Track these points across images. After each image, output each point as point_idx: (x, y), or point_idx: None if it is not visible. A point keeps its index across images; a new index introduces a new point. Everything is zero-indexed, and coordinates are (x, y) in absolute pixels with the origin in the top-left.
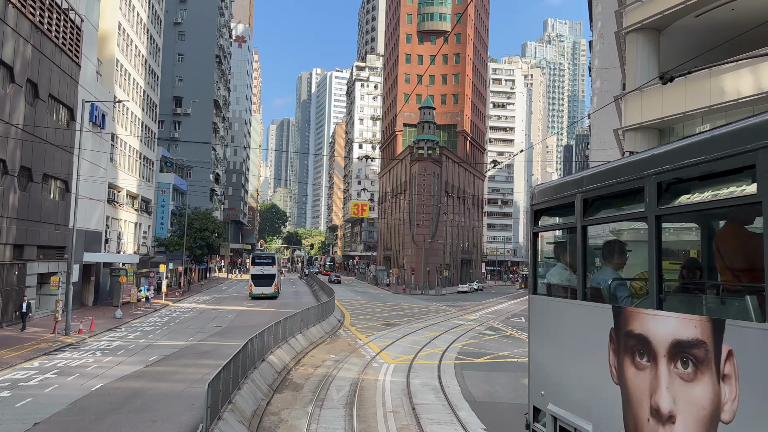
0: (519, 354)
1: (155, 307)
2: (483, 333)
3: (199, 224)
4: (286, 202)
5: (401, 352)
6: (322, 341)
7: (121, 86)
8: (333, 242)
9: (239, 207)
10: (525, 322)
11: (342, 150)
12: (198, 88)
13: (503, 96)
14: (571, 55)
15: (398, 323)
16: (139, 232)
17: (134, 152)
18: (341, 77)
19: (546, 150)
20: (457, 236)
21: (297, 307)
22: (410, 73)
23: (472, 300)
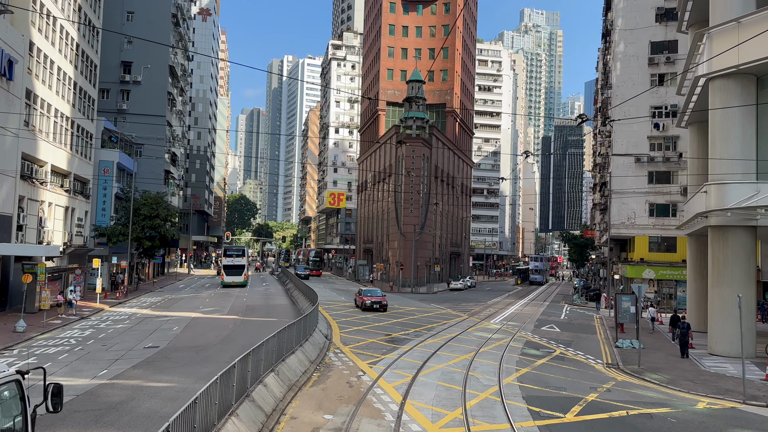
0: (619, 399)
1: (83, 313)
2: (526, 354)
3: (148, 210)
4: (257, 194)
5: (436, 399)
6: (306, 380)
7: (43, 31)
8: (306, 235)
9: (204, 196)
10: (560, 332)
11: (316, 137)
12: (151, 53)
13: (489, 79)
14: (547, 46)
15: (406, 338)
16: (71, 219)
17: (64, 119)
18: (314, 65)
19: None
20: (447, 227)
21: (266, 313)
22: (394, 47)
23: (472, 299)
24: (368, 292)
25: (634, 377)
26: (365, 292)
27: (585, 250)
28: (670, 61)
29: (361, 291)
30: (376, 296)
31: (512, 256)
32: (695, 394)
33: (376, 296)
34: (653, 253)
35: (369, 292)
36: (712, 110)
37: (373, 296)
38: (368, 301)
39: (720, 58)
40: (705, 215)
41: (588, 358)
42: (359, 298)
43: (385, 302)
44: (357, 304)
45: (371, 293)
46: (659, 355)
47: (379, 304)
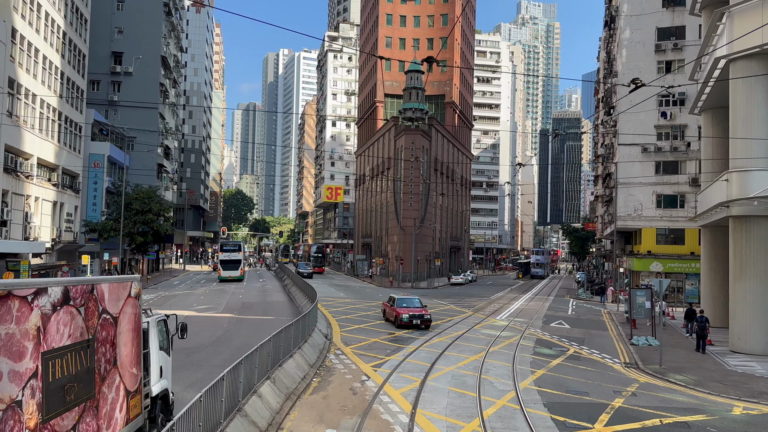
0: (648, 405)
1: None
2: (539, 353)
3: (140, 205)
4: (253, 189)
5: (450, 408)
6: (305, 386)
7: (26, 18)
8: (303, 230)
9: (199, 191)
10: (570, 328)
11: (312, 131)
12: (142, 43)
13: (488, 70)
14: (545, 38)
15: (410, 336)
16: (60, 214)
17: (51, 110)
18: (310, 58)
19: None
20: (447, 221)
21: (263, 311)
22: (392, 37)
23: (474, 294)
24: (404, 301)
25: (658, 378)
26: (400, 301)
27: (586, 243)
28: (677, 47)
29: (394, 300)
30: (415, 307)
31: (511, 249)
32: (727, 397)
33: (415, 307)
34: (661, 245)
35: (405, 301)
36: (733, 94)
37: (412, 307)
38: (405, 315)
39: (742, 39)
40: (726, 205)
41: (605, 357)
42: (392, 310)
43: (428, 316)
44: (387, 317)
45: (409, 303)
46: (678, 352)
47: (420, 318)
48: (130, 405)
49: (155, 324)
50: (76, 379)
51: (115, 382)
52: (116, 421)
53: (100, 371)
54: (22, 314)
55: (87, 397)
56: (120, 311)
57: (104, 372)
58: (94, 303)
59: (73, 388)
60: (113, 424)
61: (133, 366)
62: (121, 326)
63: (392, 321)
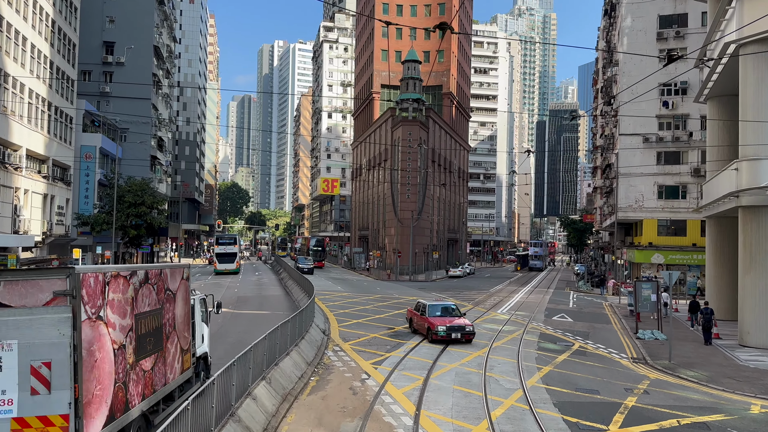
0: (662, 404)
1: None
2: (544, 348)
3: (132, 197)
4: (249, 182)
5: (455, 409)
6: (303, 386)
7: (13, 5)
8: (299, 223)
9: (194, 183)
10: (573, 322)
11: (308, 123)
12: (134, 33)
13: (485, 61)
14: (541, 29)
15: (409, 331)
16: (51, 207)
17: (40, 100)
18: (305, 50)
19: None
20: (444, 213)
21: (258, 305)
22: (388, 26)
23: (473, 287)
24: (438, 309)
25: (668, 375)
26: (433, 308)
27: (584, 235)
28: (679, 35)
29: (425, 306)
30: (453, 316)
31: (509, 241)
32: (742, 394)
33: (452, 316)
34: (662, 236)
35: (440, 309)
36: (743, 79)
37: (449, 316)
38: (442, 327)
39: (754, 23)
40: (736, 195)
41: (611, 353)
42: (421, 320)
43: (470, 327)
44: (416, 328)
45: (444, 311)
46: (686, 346)
47: (461, 331)
48: (183, 360)
49: (199, 301)
50: (152, 335)
51: (174, 341)
52: (175, 369)
53: (166, 332)
54: (125, 287)
55: (158, 349)
56: (177, 289)
57: (168, 332)
58: (162, 282)
59: (151, 341)
60: (173, 371)
61: (185, 331)
62: (177, 300)
63: (422, 333)
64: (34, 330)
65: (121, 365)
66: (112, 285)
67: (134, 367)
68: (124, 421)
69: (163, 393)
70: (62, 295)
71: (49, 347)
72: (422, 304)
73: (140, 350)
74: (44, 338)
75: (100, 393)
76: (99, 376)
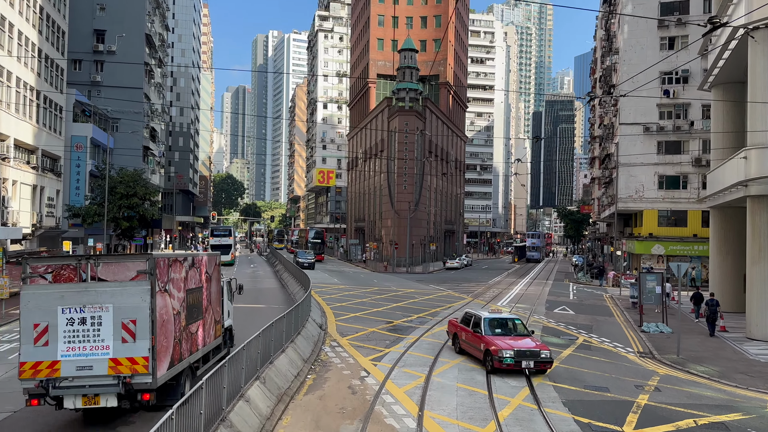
0: (675, 402)
1: None
2: (548, 343)
3: (124, 188)
4: (244, 173)
5: (460, 409)
6: (299, 385)
7: None
8: (295, 214)
9: (188, 175)
10: (575, 314)
11: (303, 114)
12: (126, 21)
13: (482, 50)
14: (537, 20)
15: (409, 325)
16: (40, 199)
17: (28, 89)
18: (300, 40)
19: (518, 115)
20: (441, 204)
21: (254, 298)
22: (384, 15)
23: (472, 279)
24: (499, 324)
25: (678, 370)
26: (491, 323)
27: (581, 226)
28: (681, 23)
29: (478, 320)
30: (520, 335)
31: (505, 233)
32: (757, 391)
33: (519, 335)
34: (662, 227)
35: (497, 323)
36: (752, 65)
37: (514, 336)
38: (508, 353)
39: (764, 7)
40: (744, 184)
41: (617, 347)
42: (476, 338)
43: (546, 353)
44: (465, 350)
45: (504, 326)
46: (692, 339)
47: (533, 358)
48: (215, 329)
49: (227, 283)
50: (196, 306)
51: (210, 312)
52: (211, 335)
53: (205, 305)
54: (180, 269)
55: (200, 318)
56: (212, 272)
57: (206, 305)
58: (203, 266)
59: (195, 311)
60: (209, 336)
61: (217, 305)
62: (212, 281)
63: (473, 356)
64: (124, 297)
65: (177, 327)
66: (173, 267)
67: (185, 330)
68: (179, 369)
69: (203, 352)
70: (143, 273)
71: (134, 309)
72: (474, 315)
73: (189, 317)
74: (131, 303)
75: (165, 344)
76: (165, 332)
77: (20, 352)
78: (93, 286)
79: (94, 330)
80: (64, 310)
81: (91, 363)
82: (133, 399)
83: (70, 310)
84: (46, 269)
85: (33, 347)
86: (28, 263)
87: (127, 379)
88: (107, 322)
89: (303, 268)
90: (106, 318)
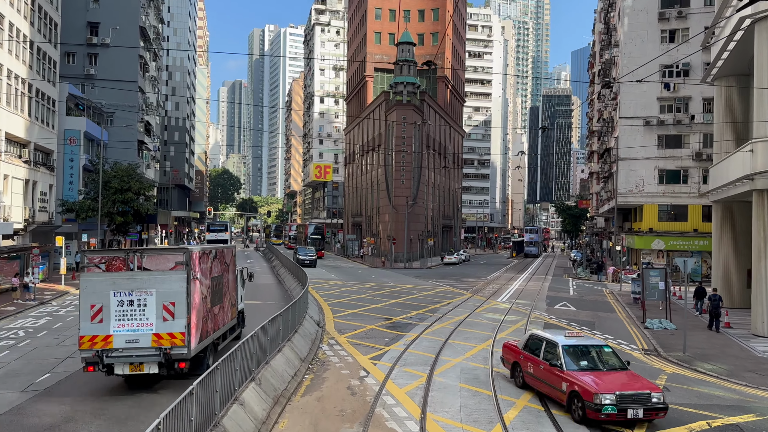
0: (686, 402)
1: (44, 297)
2: None
3: (118, 183)
4: (240, 168)
5: (464, 411)
6: (296, 386)
7: None
8: (291, 209)
9: (184, 170)
10: (576, 310)
11: (300, 108)
12: (120, 13)
13: (480, 44)
14: (534, 14)
15: (409, 322)
16: (33, 193)
17: (19, 82)
18: (296, 34)
19: (515, 110)
20: (439, 199)
21: (250, 295)
22: (382, 8)
23: (470, 274)
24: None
25: (685, 368)
26: (572, 353)
27: (579, 221)
28: (681, 15)
29: (553, 347)
30: (614, 369)
31: (502, 228)
32: (766, 390)
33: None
34: (662, 222)
35: (580, 353)
36: (759, 56)
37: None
38: (608, 399)
39: None
40: (751, 177)
41: (621, 344)
42: (555, 377)
43: (658, 396)
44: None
45: (591, 357)
46: (697, 336)
47: (643, 405)
48: (232, 311)
49: (239, 271)
50: (218, 291)
51: (228, 297)
52: (228, 316)
53: (224, 290)
54: (207, 260)
55: (220, 302)
56: (230, 262)
57: (225, 290)
58: (223, 257)
59: (217, 295)
60: (227, 317)
61: (234, 291)
62: (230, 270)
63: (548, 396)
64: (165, 283)
65: (204, 308)
66: (202, 259)
67: (210, 311)
68: (206, 343)
69: (222, 331)
70: (181, 264)
71: (173, 294)
72: (545, 340)
73: (212, 300)
74: (170, 288)
75: (196, 322)
76: (197, 312)
77: (79, 327)
78: (139, 274)
79: (140, 310)
80: (116, 293)
81: (138, 337)
82: (171, 367)
83: (120, 293)
84: (100, 260)
85: (90, 324)
86: (86, 255)
87: (167, 350)
88: (151, 304)
89: (304, 266)
90: (150, 300)
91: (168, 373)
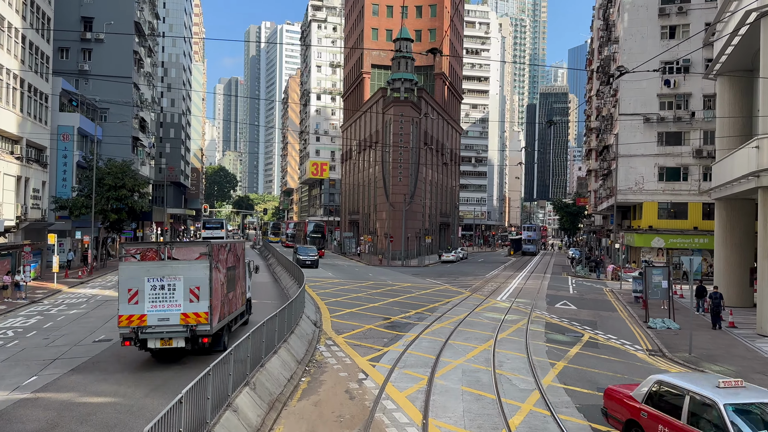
0: None
1: (35, 296)
2: (553, 340)
3: (113, 180)
4: (236, 166)
5: (468, 417)
6: (292, 389)
7: None
8: (288, 207)
9: (179, 167)
10: (578, 309)
11: (296, 105)
12: (114, 8)
13: (477, 41)
14: (531, 12)
15: (407, 321)
16: (25, 190)
17: (11, 76)
18: (293, 31)
19: (512, 107)
20: (436, 197)
21: None
22: (379, 4)
23: (468, 273)
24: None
25: (692, 370)
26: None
27: (577, 219)
28: (682, 11)
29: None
30: None
31: (500, 225)
32: None
33: None
34: (662, 220)
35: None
36: (765, 51)
37: None
38: None
39: None
40: (756, 174)
41: (624, 344)
42: None
43: None
44: None
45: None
46: (701, 335)
47: None
48: (242, 298)
49: (247, 264)
50: (232, 279)
51: (239, 285)
52: (240, 302)
53: (236, 278)
54: (223, 252)
55: (233, 289)
56: (240, 255)
57: (237, 279)
58: (236, 250)
59: (231, 283)
60: (238, 303)
61: (243, 280)
62: (241, 261)
63: None
64: (191, 271)
65: (222, 293)
66: (221, 251)
67: (226, 296)
68: (223, 323)
69: (234, 314)
70: (204, 255)
71: (198, 279)
72: (689, 394)
73: (227, 287)
74: (196, 275)
75: (216, 305)
76: (217, 296)
77: (118, 308)
78: (169, 263)
79: (170, 293)
80: (149, 279)
81: (168, 316)
82: (195, 342)
83: (153, 279)
84: (136, 251)
85: (128, 305)
86: (124, 247)
87: (193, 327)
88: (179, 288)
89: (304, 266)
90: (179, 285)
91: (192, 347)
